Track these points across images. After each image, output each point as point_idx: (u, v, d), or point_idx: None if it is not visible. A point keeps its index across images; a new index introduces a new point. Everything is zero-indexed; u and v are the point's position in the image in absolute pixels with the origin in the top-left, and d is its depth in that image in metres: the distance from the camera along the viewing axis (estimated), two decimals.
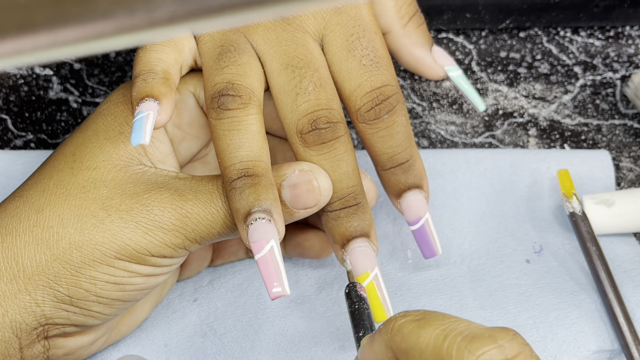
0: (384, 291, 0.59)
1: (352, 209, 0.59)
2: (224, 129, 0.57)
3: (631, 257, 0.67)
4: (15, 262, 0.57)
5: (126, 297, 0.58)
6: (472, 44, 0.75)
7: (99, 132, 0.60)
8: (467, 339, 0.47)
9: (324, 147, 0.58)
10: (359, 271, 0.59)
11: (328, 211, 0.59)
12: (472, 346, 0.47)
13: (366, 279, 0.59)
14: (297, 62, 0.59)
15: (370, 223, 0.59)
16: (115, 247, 0.57)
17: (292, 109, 0.58)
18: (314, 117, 0.58)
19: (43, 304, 0.57)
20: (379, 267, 0.59)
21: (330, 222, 0.59)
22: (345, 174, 0.59)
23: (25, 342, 0.57)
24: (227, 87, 0.58)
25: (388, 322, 0.50)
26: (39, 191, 0.59)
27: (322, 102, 0.58)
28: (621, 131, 0.72)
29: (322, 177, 0.58)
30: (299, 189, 0.57)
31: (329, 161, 0.58)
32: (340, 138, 0.58)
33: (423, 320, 0.49)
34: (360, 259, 0.59)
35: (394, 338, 0.49)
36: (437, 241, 0.62)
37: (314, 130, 0.58)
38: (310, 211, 0.58)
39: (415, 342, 0.48)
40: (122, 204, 0.57)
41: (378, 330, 0.51)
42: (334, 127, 0.58)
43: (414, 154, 0.61)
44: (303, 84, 0.58)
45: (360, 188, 0.59)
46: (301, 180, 0.58)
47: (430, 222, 0.62)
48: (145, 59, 0.58)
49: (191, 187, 0.58)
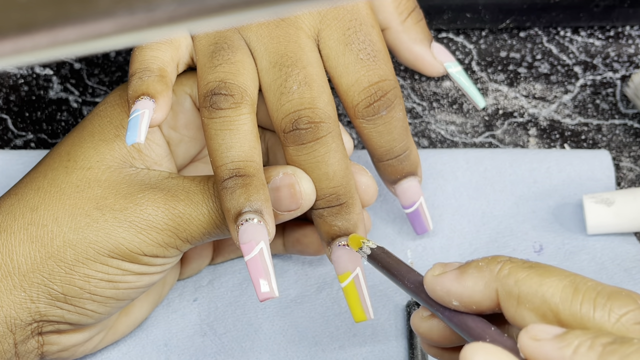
0: (364, 292, 0.59)
1: (335, 209, 0.59)
2: (215, 129, 0.57)
3: (631, 256, 0.67)
4: (10, 259, 0.57)
5: (120, 296, 0.58)
6: (472, 44, 0.75)
7: (95, 133, 0.60)
8: (604, 295, 0.45)
9: (303, 148, 0.58)
10: (340, 270, 0.59)
11: (314, 209, 0.59)
12: (613, 304, 0.44)
13: (347, 278, 0.59)
14: (285, 60, 0.59)
15: (355, 223, 0.59)
16: (108, 245, 0.57)
17: (277, 108, 0.58)
18: (295, 117, 0.58)
19: (38, 300, 0.57)
20: (361, 267, 0.59)
21: (316, 220, 0.60)
22: (324, 174, 0.58)
23: (19, 337, 0.57)
24: (219, 86, 0.58)
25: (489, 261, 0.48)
26: (33, 189, 0.59)
27: (306, 102, 0.58)
28: (621, 131, 0.72)
29: (304, 180, 0.58)
30: (281, 192, 0.58)
31: (309, 161, 0.58)
32: (320, 139, 0.58)
33: (540, 268, 0.47)
34: (342, 258, 0.59)
35: (505, 280, 0.47)
36: (429, 220, 0.65)
37: (294, 131, 0.58)
38: (293, 214, 0.58)
39: (537, 289, 0.46)
40: (116, 203, 0.57)
41: (472, 266, 0.49)
42: (314, 128, 0.58)
43: (410, 145, 0.62)
44: (288, 83, 0.58)
45: (344, 188, 0.59)
46: (283, 183, 0.58)
47: (423, 204, 0.64)
48: (141, 57, 0.58)
49: (184, 188, 0.58)
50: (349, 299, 0.59)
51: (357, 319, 0.59)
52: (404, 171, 0.62)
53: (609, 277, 0.66)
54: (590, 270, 0.66)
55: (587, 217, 0.66)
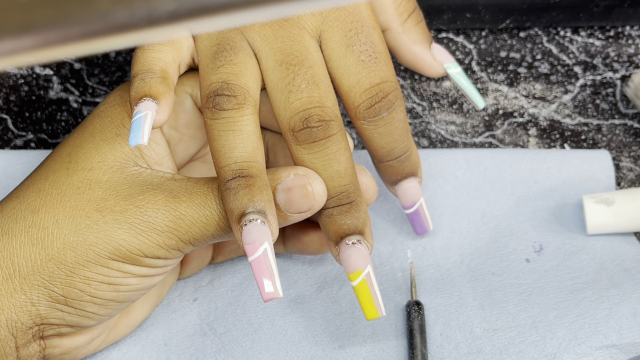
0: (376, 290, 0.59)
1: (345, 207, 0.59)
2: (218, 130, 0.57)
3: (632, 256, 0.67)
4: (11, 262, 0.57)
5: (121, 298, 0.58)
6: (472, 44, 0.75)
7: (96, 133, 0.60)
8: None
9: (315, 146, 0.58)
10: (351, 269, 0.59)
11: (323, 209, 0.59)
12: None
13: (358, 277, 0.59)
14: (292, 59, 0.59)
15: (364, 221, 0.59)
16: (109, 247, 0.57)
17: (284, 106, 0.58)
18: (305, 115, 0.58)
19: (38, 303, 0.57)
20: (372, 266, 0.59)
21: (324, 220, 0.59)
22: (336, 172, 0.58)
23: (21, 341, 0.57)
24: (222, 87, 0.58)
25: None
26: (34, 192, 0.59)
27: (315, 100, 0.58)
28: (621, 131, 0.72)
29: (316, 181, 0.58)
30: (293, 193, 0.58)
31: (320, 160, 0.58)
32: (332, 137, 0.58)
33: None
34: (353, 256, 0.59)
35: None
36: (429, 220, 0.65)
37: (306, 129, 0.58)
38: (304, 215, 0.58)
39: None
40: (116, 205, 0.57)
41: None
42: (325, 126, 0.58)
43: (411, 146, 0.62)
44: (296, 82, 0.58)
45: (354, 186, 0.59)
46: (295, 184, 0.58)
47: (423, 204, 0.64)
48: (143, 58, 0.58)
49: (186, 189, 0.58)
50: (361, 298, 0.59)
51: (370, 316, 0.59)
52: (405, 172, 0.63)
53: (609, 277, 0.66)
54: (590, 270, 0.66)
55: (587, 217, 0.66)
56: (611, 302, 0.64)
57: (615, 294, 0.65)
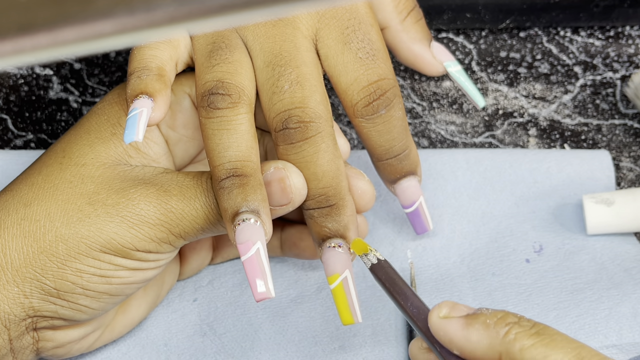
0: (353, 296, 0.58)
1: (325, 210, 0.59)
2: (213, 128, 0.57)
3: (632, 256, 0.67)
4: (3, 254, 0.57)
5: (113, 291, 0.58)
6: (472, 44, 0.75)
7: (91, 130, 0.61)
8: None
9: (292, 147, 0.58)
10: (329, 272, 0.58)
11: (305, 209, 0.59)
12: None
13: (335, 280, 0.58)
14: (279, 59, 0.59)
15: (346, 225, 0.59)
16: (100, 240, 0.57)
17: (269, 107, 0.59)
18: (285, 117, 0.58)
19: (31, 295, 0.57)
20: (351, 271, 0.58)
21: (308, 220, 0.60)
22: (313, 174, 0.58)
23: (14, 333, 0.58)
24: (217, 85, 0.58)
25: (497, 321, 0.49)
26: (27, 185, 0.59)
27: (296, 101, 0.58)
28: (621, 131, 0.72)
29: (294, 175, 0.58)
30: (271, 187, 0.58)
31: (298, 161, 0.58)
32: (310, 139, 0.58)
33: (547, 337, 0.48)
34: (331, 260, 0.59)
35: (510, 345, 0.48)
36: (429, 220, 0.65)
37: (285, 129, 0.58)
38: (285, 209, 0.58)
39: None
40: (108, 198, 0.58)
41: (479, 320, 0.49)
42: (304, 127, 0.58)
43: (410, 144, 0.62)
44: (280, 83, 0.58)
45: (334, 190, 0.59)
46: (274, 177, 0.58)
47: (423, 203, 0.64)
48: (140, 56, 0.59)
49: (177, 183, 0.58)
50: (336, 301, 0.58)
51: (345, 321, 0.58)
52: (404, 170, 0.62)
53: (609, 277, 0.66)
54: (590, 270, 0.66)
55: (587, 217, 0.66)
56: (611, 302, 0.64)
57: (615, 294, 0.65)
